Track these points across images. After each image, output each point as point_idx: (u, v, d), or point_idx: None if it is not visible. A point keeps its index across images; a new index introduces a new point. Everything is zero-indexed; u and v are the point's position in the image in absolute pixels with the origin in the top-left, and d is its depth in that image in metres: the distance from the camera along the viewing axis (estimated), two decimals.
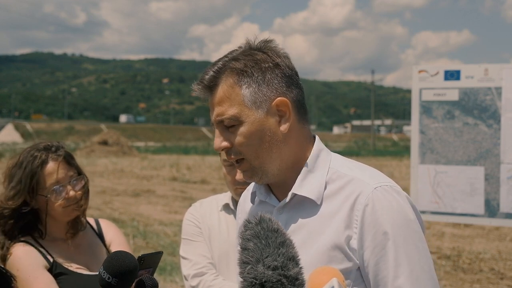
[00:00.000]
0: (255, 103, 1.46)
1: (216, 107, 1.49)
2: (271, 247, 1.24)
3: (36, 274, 2.08)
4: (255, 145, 1.47)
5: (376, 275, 1.39)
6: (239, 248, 1.28)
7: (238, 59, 1.48)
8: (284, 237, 1.27)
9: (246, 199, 1.71)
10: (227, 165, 2.34)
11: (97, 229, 2.42)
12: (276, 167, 1.49)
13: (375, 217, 1.39)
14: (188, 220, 2.46)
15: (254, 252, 1.25)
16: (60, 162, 2.20)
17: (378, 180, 1.46)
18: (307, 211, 1.48)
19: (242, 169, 1.51)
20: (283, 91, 1.48)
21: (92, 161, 29.96)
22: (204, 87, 1.50)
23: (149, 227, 10.75)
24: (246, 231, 1.29)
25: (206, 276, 2.31)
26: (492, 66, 3.96)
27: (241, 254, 1.27)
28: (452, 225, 10.58)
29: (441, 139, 4.08)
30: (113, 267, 1.37)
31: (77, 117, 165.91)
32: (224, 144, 1.49)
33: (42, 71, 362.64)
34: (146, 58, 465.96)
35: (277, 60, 1.49)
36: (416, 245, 1.40)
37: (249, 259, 1.25)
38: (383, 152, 50.27)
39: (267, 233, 1.26)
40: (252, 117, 1.46)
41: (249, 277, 1.22)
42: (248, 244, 1.26)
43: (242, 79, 1.46)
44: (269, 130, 1.47)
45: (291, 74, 1.51)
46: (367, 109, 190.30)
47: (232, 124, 1.47)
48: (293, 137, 1.50)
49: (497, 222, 4.01)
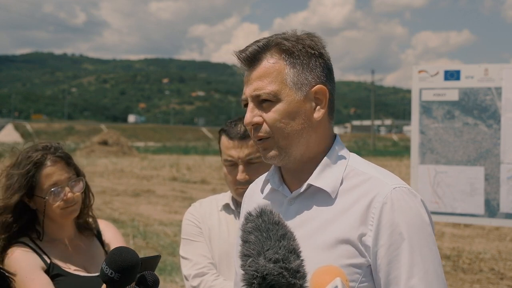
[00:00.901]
0: (296, 84, 1.47)
1: (255, 81, 1.49)
2: (272, 240, 1.24)
3: (33, 275, 2.07)
4: (287, 125, 1.47)
5: (389, 274, 1.39)
6: (240, 240, 1.28)
7: (287, 39, 1.50)
8: (285, 229, 1.27)
9: (254, 191, 1.71)
10: (228, 165, 2.33)
11: (96, 229, 2.40)
12: (300, 152, 1.50)
13: (393, 216, 1.39)
14: (188, 220, 2.44)
15: (255, 245, 1.25)
16: (58, 163, 2.19)
17: (396, 182, 1.47)
18: (320, 203, 1.48)
19: (266, 146, 1.51)
20: (323, 80, 1.50)
21: (92, 161, 29.95)
22: (246, 59, 1.50)
23: (149, 227, 10.75)
24: (247, 223, 1.29)
25: (207, 277, 2.29)
26: (492, 66, 3.95)
27: (242, 247, 1.27)
28: (452, 225, 10.57)
29: (441, 139, 4.08)
30: (115, 263, 1.37)
31: (77, 117, 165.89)
32: (256, 119, 1.49)
33: (42, 71, 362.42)
34: (146, 58, 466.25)
35: (322, 50, 1.52)
36: (430, 248, 1.41)
37: (250, 251, 1.25)
38: (383, 152, 50.27)
39: (268, 226, 1.26)
40: (291, 97, 1.47)
41: (251, 270, 1.22)
42: (249, 236, 1.26)
43: (288, 58, 1.48)
44: (304, 114, 1.48)
45: (331, 67, 1.54)
46: (367, 109, 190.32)
47: (270, 99, 1.47)
48: (322, 128, 1.52)
49: (497, 222, 4.01)
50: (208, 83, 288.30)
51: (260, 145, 1.52)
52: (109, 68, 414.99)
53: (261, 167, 2.18)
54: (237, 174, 2.29)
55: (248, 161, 2.28)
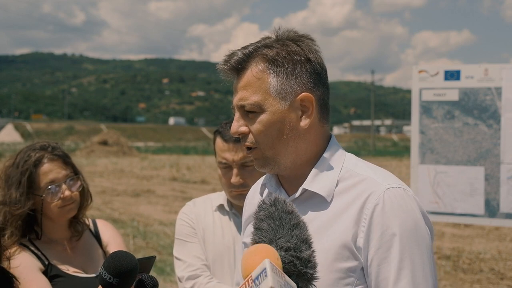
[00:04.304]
0: (280, 94, 1.45)
1: (240, 91, 1.48)
2: (284, 228, 1.24)
3: (31, 276, 2.05)
4: (272, 136, 1.46)
5: (378, 276, 1.38)
6: (253, 228, 1.27)
7: (272, 46, 1.47)
8: (298, 219, 1.27)
9: (255, 192, 1.70)
10: (223, 167, 2.31)
11: (94, 230, 2.39)
12: (290, 160, 1.49)
13: (384, 217, 1.38)
14: (182, 220, 2.42)
15: (267, 233, 1.25)
16: (55, 161, 2.19)
17: (391, 182, 1.44)
18: (316, 207, 1.47)
19: (254, 156, 1.50)
20: (310, 87, 1.47)
21: (92, 161, 29.95)
22: (231, 68, 1.49)
23: (149, 227, 10.74)
24: (260, 211, 1.29)
25: (200, 279, 2.27)
26: (492, 66, 3.95)
27: (254, 234, 1.27)
28: (452, 225, 10.57)
29: (441, 139, 4.07)
30: (113, 267, 1.37)
31: (77, 117, 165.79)
32: (242, 129, 1.49)
33: (42, 71, 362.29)
34: (146, 58, 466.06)
35: (310, 55, 1.48)
36: (421, 251, 1.39)
37: (262, 239, 1.25)
38: (383, 152, 50.24)
39: (281, 214, 1.26)
40: (275, 107, 1.45)
41: None
42: (261, 224, 1.26)
43: (271, 67, 1.45)
44: (289, 123, 1.46)
45: (320, 72, 1.50)
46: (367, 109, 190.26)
47: (254, 110, 1.46)
48: (312, 134, 1.49)
49: (497, 222, 4.01)
50: (208, 83, 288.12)
51: (249, 153, 1.51)
52: (109, 68, 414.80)
53: (255, 171, 2.17)
54: (232, 177, 2.27)
55: (243, 164, 2.27)
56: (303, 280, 1.24)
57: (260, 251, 1.19)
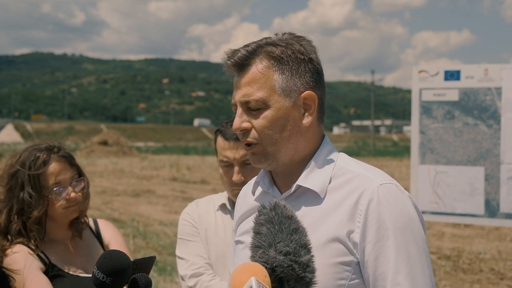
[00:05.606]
0: (284, 91, 1.47)
1: (244, 87, 1.49)
2: (284, 233, 1.25)
3: (31, 276, 2.06)
4: (275, 132, 1.48)
5: (376, 270, 1.40)
6: (252, 232, 1.29)
7: (277, 45, 1.50)
8: (297, 224, 1.28)
9: (246, 193, 1.72)
10: (224, 166, 2.33)
11: (95, 229, 2.40)
12: (288, 157, 1.51)
13: (379, 212, 1.40)
14: (184, 220, 2.44)
15: (266, 237, 1.26)
16: (62, 163, 2.20)
17: (383, 178, 1.47)
18: (309, 203, 1.49)
19: (253, 152, 1.52)
20: (312, 86, 1.51)
21: (92, 161, 29.95)
22: (235, 65, 1.50)
23: (149, 227, 10.75)
24: (260, 215, 1.30)
25: (203, 277, 2.29)
26: (492, 66, 3.95)
27: (253, 238, 1.28)
28: (452, 225, 10.58)
29: (441, 139, 4.08)
30: (106, 266, 1.37)
31: (77, 117, 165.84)
32: (245, 125, 1.50)
33: (42, 71, 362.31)
34: (146, 58, 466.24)
35: (312, 55, 1.51)
36: (417, 244, 1.41)
37: (261, 243, 1.26)
38: (383, 152, 50.27)
39: (281, 219, 1.27)
40: (280, 103, 1.47)
41: (260, 261, 1.23)
42: (261, 228, 1.28)
43: (277, 64, 1.48)
44: (293, 120, 1.49)
45: (320, 72, 1.54)
46: (367, 109, 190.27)
47: (258, 107, 1.48)
48: (311, 132, 1.53)
49: (497, 222, 4.01)
50: (208, 83, 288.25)
51: (248, 150, 1.53)
52: (109, 68, 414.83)
53: (256, 168, 2.19)
54: (233, 175, 2.29)
55: (244, 162, 2.28)
56: (302, 284, 1.25)
57: (248, 270, 1.20)
